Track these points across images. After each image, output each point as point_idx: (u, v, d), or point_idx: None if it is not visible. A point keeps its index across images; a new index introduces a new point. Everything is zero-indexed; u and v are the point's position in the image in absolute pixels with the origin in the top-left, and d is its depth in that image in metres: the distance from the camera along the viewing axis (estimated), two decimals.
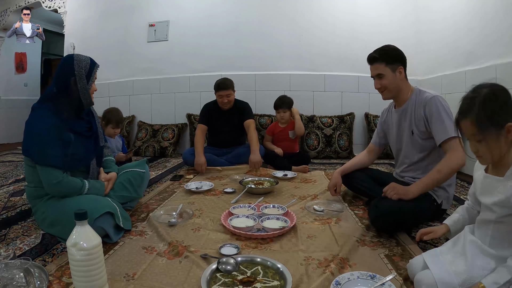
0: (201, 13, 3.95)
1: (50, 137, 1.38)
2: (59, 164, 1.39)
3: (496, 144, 0.88)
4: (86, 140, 1.56)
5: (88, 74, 1.49)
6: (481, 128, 0.88)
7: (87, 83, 1.49)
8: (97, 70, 1.54)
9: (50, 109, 1.43)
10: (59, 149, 1.39)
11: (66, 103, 1.46)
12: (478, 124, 0.88)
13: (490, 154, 0.89)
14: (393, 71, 1.62)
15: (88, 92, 1.51)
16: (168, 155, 3.71)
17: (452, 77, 3.09)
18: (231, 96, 2.87)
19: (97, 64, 1.55)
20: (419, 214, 1.48)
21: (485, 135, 0.88)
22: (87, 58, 1.52)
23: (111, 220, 1.41)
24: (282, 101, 3.09)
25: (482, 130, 0.88)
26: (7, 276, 0.99)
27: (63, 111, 1.45)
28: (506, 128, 0.86)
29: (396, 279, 1.07)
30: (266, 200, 1.98)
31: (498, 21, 2.53)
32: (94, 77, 1.53)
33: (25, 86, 5.81)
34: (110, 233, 1.37)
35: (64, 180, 1.40)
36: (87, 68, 1.48)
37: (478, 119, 0.87)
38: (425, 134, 1.59)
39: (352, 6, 3.78)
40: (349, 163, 1.98)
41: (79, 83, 1.46)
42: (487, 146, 0.89)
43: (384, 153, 3.29)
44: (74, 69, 1.45)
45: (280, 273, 1.09)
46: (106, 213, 1.38)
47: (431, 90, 1.62)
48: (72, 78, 1.45)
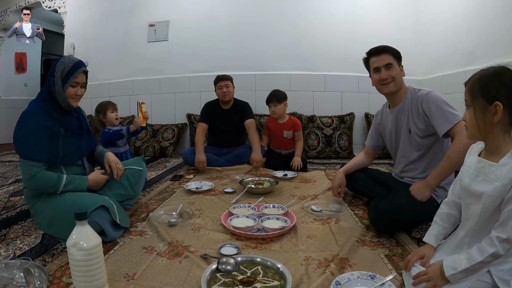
0: (201, 13, 3.95)
1: (35, 132, 1.39)
2: (41, 158, 1.40)
3: (481, 116, 0.91)
4: (78, 136, 1.58)
5: (66, 77, 1.45)
6: (472, 95, 0.93)
7: (62, 87, 1.45)
8: (79, 74, 1.47)
9: (41, 107, 1.45)
10: (44, 144, 1.40)
11: (54, 103, 1.48)
12: (471, 90, 0.93)
13: (473, 125, 0.93)
14: (398, 66, 1.65)
15: (63, 95, 1.46)
16: (168, 155, 3.71)
17: (452, 77, 3.09)
18: (230, 87, 2.90)
19: (82, 68, 1.48)
20: (419, 214, 1.48)
21: (474, 103, 0.92)
22: (71, 61, 1.47)
23: (107, 216, 1.42)
24: (271, 94, 2.89)
25: (472, 98, 0.93)
26: (7, 276, 0.99)
27: (53, 109, 1.47)
28: (493, 106, 0.88)
29: (396, 279, 1.07)
30: (266, 200, 1.98)
31: (498, 22, 2.54)
32: (74, 81, 1.46)
33: (25, 86, 5.81)
34: (105, 229, 1.37)
35: (38, 174, 1.40)
36: (65, 71, 1.45)
37: (472, 87, 0.93)
38: (423, 131, 1.59)
39: (352, 7, 3.78)
40: (351, 163, 1.98)
41: (56, 85, 1.45)
42: (472, 115, 0.93)
43: (384, 153, 3.30)
44: (54, 71, 1.46)
45: (280, 273, 1.09)
46: (101, 208, 1.39)
47: (425, 87, 1.63)
48: (51, 79, 1.46)
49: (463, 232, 0.99)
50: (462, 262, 0.89)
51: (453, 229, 1.08)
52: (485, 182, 0.91)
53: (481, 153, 0.98)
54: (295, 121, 2.94)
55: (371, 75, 1.71)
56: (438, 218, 1.10)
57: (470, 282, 0.88)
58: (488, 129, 0.91)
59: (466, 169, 1.00)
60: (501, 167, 0.88)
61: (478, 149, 1.00)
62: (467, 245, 0.96)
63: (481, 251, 0.87)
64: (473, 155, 1.00)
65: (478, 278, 0.88)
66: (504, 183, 0.86)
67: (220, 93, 2.90)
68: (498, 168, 0.89)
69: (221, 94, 2.90)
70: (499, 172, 0.88)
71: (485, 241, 0.88)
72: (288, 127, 2.92)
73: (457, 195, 1.06)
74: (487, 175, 0.91)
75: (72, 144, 1.53)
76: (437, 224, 1.09)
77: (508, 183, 0.85)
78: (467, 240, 0.97)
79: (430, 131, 1.58)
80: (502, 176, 0.87)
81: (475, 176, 0.95)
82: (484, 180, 0.91)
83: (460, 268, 0.88)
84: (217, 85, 2.91)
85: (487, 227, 0.91)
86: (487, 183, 0.90)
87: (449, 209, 1.08)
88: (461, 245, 0.98)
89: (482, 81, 0.91)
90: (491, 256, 0.86)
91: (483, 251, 0.87)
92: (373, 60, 1.67)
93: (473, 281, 0.88)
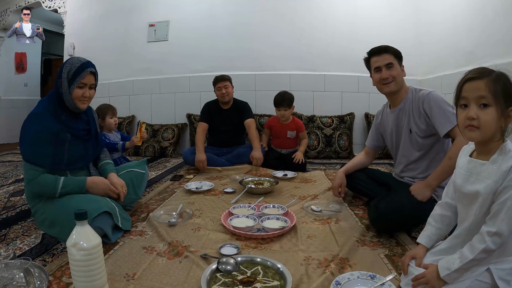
0: (201, 13, 3.94)
1: (40, 137, 1.38)
2: (43, 163, 1.39)
3: (496, 117, 0.85)
4: (85, 142, 1.55)
5: (72, 78, 1.43)
6: (495, 92, 0.84)
7: (69, 88, 1.44)
8: (86, 74, 1.45)
9: (49, 110, 1.43)
10: (49, 148, 1.39)
11: (62, 105, 1.47)
12: (494, 87, 0.84)
13: (490, 128, 0.85)
14: (399, 66, 1.65)
15: (70, 96, 1.44)
16: (168, 155, 3.71)
17: (452, 77, 3.08)
18: (229, 88, 2.90)
19: (89, 68, 1.46)
20: (419, 214, 1.47)
21: (496, 102, 0.84)
22: (79, 61, 1.46)
23: (110, 220, 1.41)
24: (283, 98, 2.85)
25: (494, 95, 0.84)
26: (7, 276, 0.99)
27: (61, 112, 1.46)
28: (509, 111, 0.85)
29: (396, 279, 1.07)
30: (266, 200, 1.98)
31: (498, 22, 2.53)
32: (80, 81, 1.44)
33: (25, 86, 5.81)
34: (108, 234, 1.36)
35: (37, 178, 1.38)
36: (71, 72, 1.44)
37: (494, 87, 0.84)
38: (424, 131, 1.60)
39: (352, 7, 3.77)
40: (351, 163, 1.99)
41: (63, 87, 1.44)
42: (495, 115, 0.84)
43: (384, 153, 3.30)
44: (62, 72, 1.45)
45: (280, 273, 1.09)
46: (104, 213, 1.38)
47: (426, 88, 1.64)
48: (59, 81, 1.45)
49: (457, 232, 1.00)
50: (455, 261, 0.89)
51: (447, 230, 1.08)
52: (478, 182, 0.90)
53: (472, 153, 0.98)
54: (297, 122, 3.01)
55: (372, 74, 1.71)
56: (431, 219, 1.10)
57: (468, 282, 0.88)
58: (496, 133, 0.88)
59: (459, 170, 0.99)
60: (492, 164, 0.88)
61: (469, 150, 0.99)
62: (460, 245, 0.96)
63: (472, 248, 0.87)
64: (464, 156, 1.00)
65: (477, 278, 0.88)
66: (495, 179, 0.86)
67: (219, 94, 2.91)
68: (489, 166, 0.89)
69: (220, 95, 2.90)
70: (490, 169, 0.88)
71: (475, 238, 0.89)
72: (292, 127, 2.97)
73: (450, 197, 1.06)
74: (479, 174, 0.90)
75: (78, 150, 1.51)
76: (430, 225, 1.09)
77: (499, 178, 0.85)
78: (460, 240, 0.97)
79: (431, 131, 1.58)
80: (494, 172, 0.87)
81: (467, 177, 0.94)
82: (477, 180, 0.91)
83: (454, 268, 0.88)
84: (216, 86, 2.91)
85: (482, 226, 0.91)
86: (479, 182, 0.90)
87: (443, 211, 1.08)
88: (457, 245, 0.98)
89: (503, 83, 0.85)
90: (482, 253, 0.85)
91: (473, 248, 0.87)
92: (374, 59, 1.67)
93: (472, 281, 0.88)
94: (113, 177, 1.61)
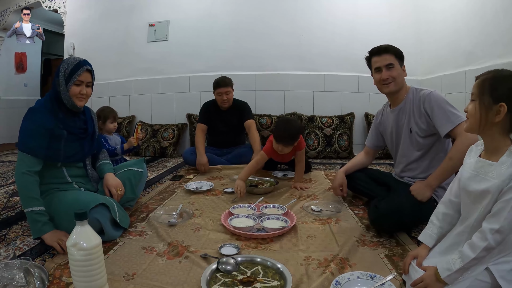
0: (201, 13, 3.94)
1: (36, 130, 1.39)
2: (37, 154, 1.39)
3: (484, 112, 0.91)
4: (80, 140, 1.56)
5: (69, 76, 1.45)
6: (481, 90, 0.93)
7: (66, 85, 1.45)
8: (82, 72, 1.45)
9: (47, 107, 1.45)
10: (43, 142, 1.39)
11: (60, 104, 1.48)
12: (481, 86, 0.93)
13: (474, 118, 0.94)
14: (400, 66, 1.65)
15: (67, 94, 1.45)
16: (168, 155, 3.71)
17: (452, 77, 3.09)
18: (230, 94, 2.86)
19: (85, 66, 1.47)
20: (419, 214, 1.47)
21: (480, 98, 0.93)
22: (75, 60, 1.47)
23: (107, 214, 1.42)
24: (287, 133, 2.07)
25: (480, 93, 0.93)
26: (7, 276, 0.99)
27: (59, 110, 1.47)
28: (498, 106, 0.89)
29: (396, 279, 1.07)
30: (266, 200, 1.98)
31: (498, 22, 2.53)
32: (77, 79, 1.45)
33: (25, 86, 5.81)
34: (105, 227, 1.37)
35: (26, 176, 1.34)
36: (68, 70, 1.45)
37: (482, 83, 0.93)
38: (425, 131, 1.60)
39: (352, 7, 3.78)
40: (351, 163, 1.99)
41: (60, 85, 1.45)
42: (477, 108, 0.93)
43: (384, 153, 3.30)
44: (59, 71, 1.46)
45: (280, 273, 1.09)
46: (102, 206, 1.39)
47: (427, 88, 1.63)
48: (56, 80, 1.46)
49: (460, 229, 0.99)
50: (455, 261, 0.89)
51: (449, 228, 1.07)
52: (484, 181, 0.91)
53: (481, 154, 0.99)
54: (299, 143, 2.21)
55: (373, 74, 1.71)
56: (434, 218, 1.10)
57: (468, 282, 0.88)
58: (487, 126, 0.92)
59: (465, 169, 1.00)
60: (500, 165, 0.89)
61: (478, 151, 1.00)
62: (463, 242, 0.96)
63: (473, 247, 0.87)
64: (472, 157, 1.00)
65: (476, 277, 0.88)
66: (503, 179, 0.87)
67: (220, 100, 2.85)
68: (497, 167, 0.89)
69: (221, 101, 2.85)
70: (499, 170, 0.89)
71: (476, 236, 0.89)
72: (292, 152, 2.27)
73: (454, 194, 1.06)
74: (487, 174, 0.91)
75: (74, 146, 1.52)
76: (432, 224, 1.09)
77: (507, 178, 0.86)
78: (464, 238, 0.97)
79: (431, 131, 1.58)
80: (502, 173, 0.88)
81: (474, 176, 0.95)
82: (483, 179, 0.91)
83: (455, 268, 0.88)
84: (217, 91, 2.84)
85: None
86: (486, 182, 0.90)
87: (446, 209, 1.07)
88: (457, 243, 0.98)
89: (494, 81, 0.92)
90: (483, 251, 0.86)
91: (474, 247, 0.87)
92: (375, 59, 1.67)
93: (471, 281, 0.88)
94: (110, 177, 1.62)
